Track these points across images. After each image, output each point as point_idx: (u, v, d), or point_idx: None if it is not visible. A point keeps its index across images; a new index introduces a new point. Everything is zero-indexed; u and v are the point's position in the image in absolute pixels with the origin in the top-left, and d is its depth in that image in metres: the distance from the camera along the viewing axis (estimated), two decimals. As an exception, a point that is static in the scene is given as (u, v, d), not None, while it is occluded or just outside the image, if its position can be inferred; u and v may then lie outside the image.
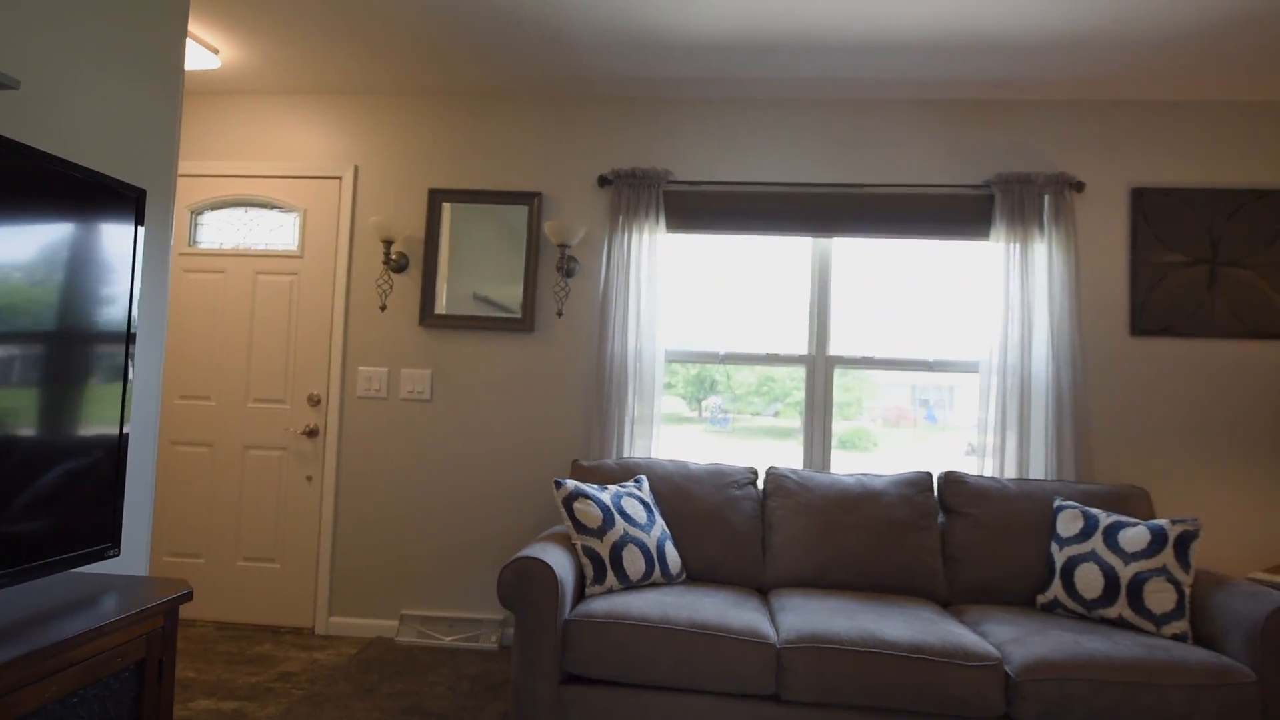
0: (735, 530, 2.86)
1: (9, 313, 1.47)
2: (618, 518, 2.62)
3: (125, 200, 1.75)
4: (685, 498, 2.91)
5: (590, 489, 2.66)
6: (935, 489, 2.96)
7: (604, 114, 3.54)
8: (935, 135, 3.39)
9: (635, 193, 3.38)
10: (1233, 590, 2.32)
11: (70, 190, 1.60)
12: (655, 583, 2.64)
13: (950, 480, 2.93)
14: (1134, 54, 2.89)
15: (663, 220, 3.38)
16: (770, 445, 3.61)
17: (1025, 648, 2.22)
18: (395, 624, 3.53)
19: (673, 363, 3.57)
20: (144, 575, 2.14)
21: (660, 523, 2.77)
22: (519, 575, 2.29)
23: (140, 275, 1.81)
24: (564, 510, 2.60)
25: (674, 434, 3.60)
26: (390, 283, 3.57)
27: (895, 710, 2.20)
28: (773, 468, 3.04)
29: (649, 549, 2.63)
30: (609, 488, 2.76)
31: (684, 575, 2.78)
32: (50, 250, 1.56)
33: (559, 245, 3.40)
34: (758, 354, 3.50)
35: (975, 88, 3.26)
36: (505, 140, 3.58)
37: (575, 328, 3.50)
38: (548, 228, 3.36)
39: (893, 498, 2.85)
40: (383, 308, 3.55)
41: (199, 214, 3.70)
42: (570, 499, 2.61)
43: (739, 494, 2.95)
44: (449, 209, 3.55)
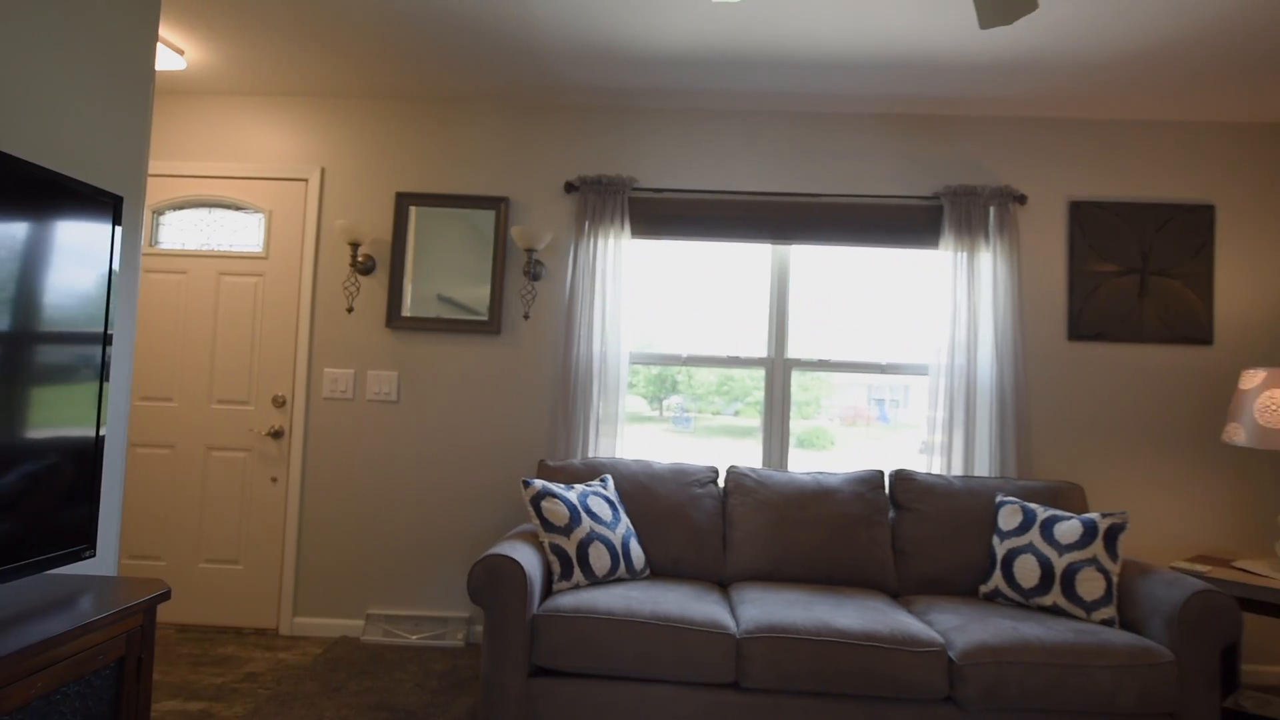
0: (697, 527, 2.96)
1: (-10, 318, 1.49)
2: (584, 516, 2.70)
3: (103, 205, 1.78)
4: (649, 496, 3.01)
5: (557, 488, 2.74)
6: (887, 486, 3.11)
7: (571, 121, 3.62)
8: (888, 148, 3.55)
9: (601, 199, 3.47)
10: (1155, 578, 2.51)
11: (48, 194, 1.63)
12: (620, 578, 2.74)
13: (900, 478, 3.08)
14: (1072, 76, 3.08)
15: (628, 226, 3.48)
16: (730, 444, 3.73)
17: (967, 634, 2.37)
18: (361, 623, 3.56)
19: (636, 365, 3.67)
20: (113, 576, 2.15)
21: (625, 520, 2.86)
22: (489, 572, 2.36)
23: (117, 278, 1.83)
24: (532, 509, 2.68)
25: (635, 433, 3.70)
26: (357, 285, 3.59)
27: (848, 695, 2.33)
28: (733, 466, 3.15)
29: (614, 546, 2.73)
30: (575, 487, 2.84)
31: (648, 571, 2.88)
32: (29, 252, 1.58)
33: (526, 250, 3.47)
34: (719, 356, 3.61)
35: (926, 104, 3.43)
36: (473, 145, 3.63)
37: (541, 330, 3.57)
38: (515, 232, 3.43)
39: (847, 495, 2.99)
40: (350, 310, 3.57)
41: (160, 214, 3.68)
42: (538, 498, 2.68)
43: (701, 492, 3.06)
44: (415, 212, 3.59)
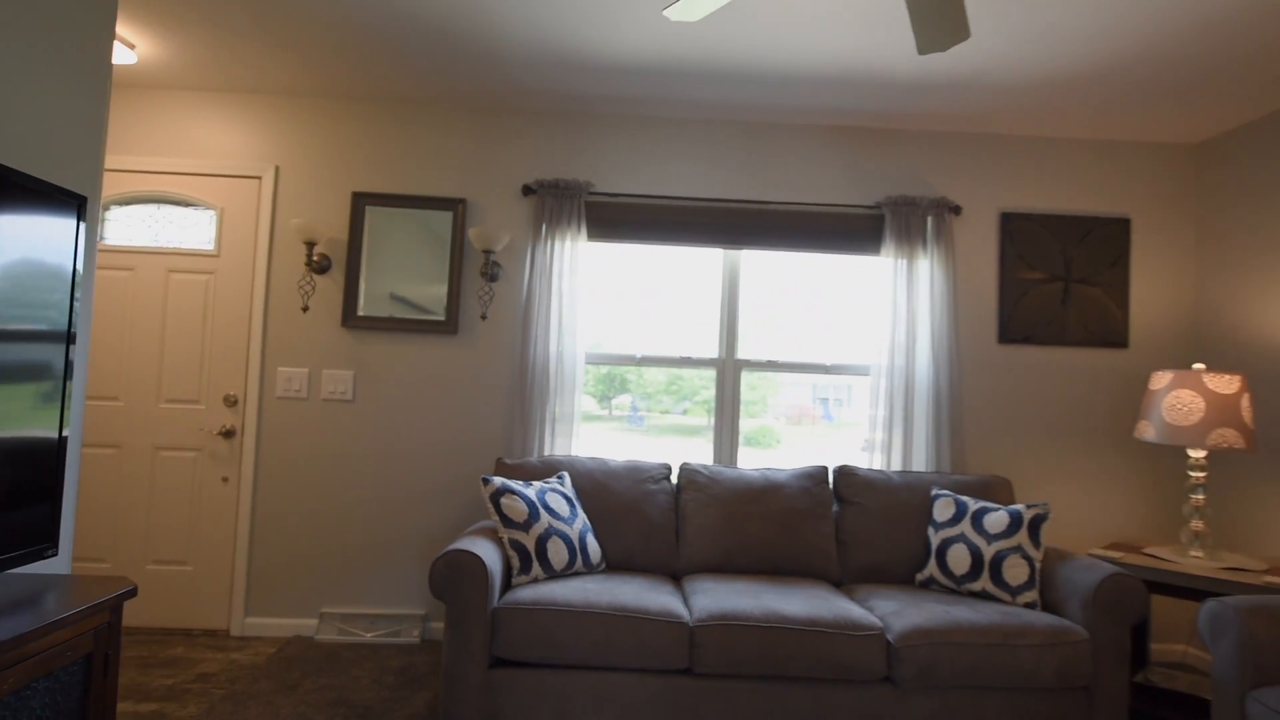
0: (651, 522, 3.07)
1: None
2: (542, 512, 2.78)
3: (67, 205, 1.78)
4: (605, 492, 3.10)
5: (516, 485, 2.82)
6: (831, 481, 3.26)
7: (529, 125, 3.68)
8: (834, 159, 3.72)
9: (558, 202, 3.54)
10: (1074, 564, 2.72)
11: (13, 194, 1.64)
12: (578, 572, 2.82)
13: (843, 473, 3.25)
14: (1003, 96, 3.29)
15: (584, 229, 3.56)
16: (679, 442, 3.85)
17: (903, 619, 2.53)
18: (315, 622, 3.56)
19: (592, 364, 3.75)
20: (71, 575, 2.14)
21: (582, 516, 2.95)
22: (450, 567, 2.42)
23: (81, 274, 1.84)
24: (491, 505, 2.74)
25: (585, 431, 3.78)
26: (313, 284, 3.59)
27: (794, 678, 2.46)
28: (686, 463, 3.27)
29: (572, 540, 2.81)
30: (534, 484, 2.91)
31: (604, 564, 2.98)
32: (-6, 256, 1.59)
33: (484, 251, 3.52)
34: (672, 357, 3.73)
35: (870, 118, 3.60)
36: (431, 146, 3.66)
37: (498, 331, 3.63)
38: (472, 234, 3.47)
39: (793, 490, 3.14)
40: (305, 309, 3.56)
41: (106, 209, 3.60)
42: (497, 494, 2.75)
43: (655, 488, 3.16)
44: (372, 212, 3.60)
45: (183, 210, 3.61)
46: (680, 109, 3.60)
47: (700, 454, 3.73)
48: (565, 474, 3.09)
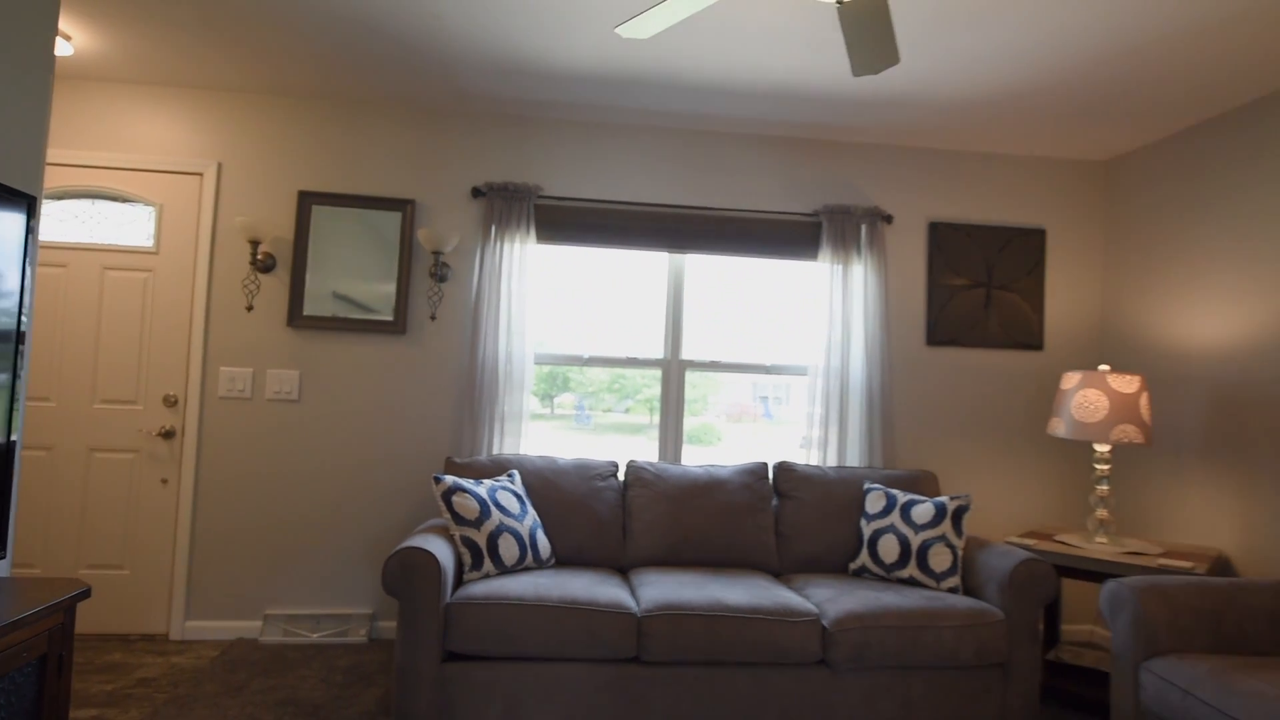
0: (600, 518, 3.17)
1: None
2: (494, 509, 2.85)
3: (17, 205, 1.77)
4: (554, 489, 3.18)
5: (468, 483, 2.87)
6: (770, 477, 3.42)
7: (479, 128, 3.72)
8: (775, 168, 3.88)
9: (507, 205, 3.60)
10: (992, 551, 2.93)
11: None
12: (528, 567, 2.90)
13: (782, 469, 3.41)
14: (930, 113, 3.50)
15: (533, 232, 3.63)
16: (622, 440, 3.95)
17: (837, 605, 2.69)
18: (259, 624, 3.53)
19: (541, 365, 3.82)
20: (12, 577, 2.11)
21: (532, 513, 3.02)
22: (404, 564, 2.47)
23: (30, 274, 1.83)
24: (443, 503, 2.79)
25: (528, 430, 3.82)
26: (257, 283, 3.55)
27: (736, 663, 2.60)
28: (632, 461, 3.38)
29: (523, 537, 2.89)
30: (484, 482, 2.97)
31: (554, 559, 3.06)
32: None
33: (433, 252, 3.55)
34: (619, 357, 3.83)
35: (808, 130, 3.77)
36: (379, 147, 3.67)
37: (448, 331, 3.66)
38: (421, 235, 3.50)
39: (735, 485, 3.28)
40: (249, 308, 3.53)
41: (36, 203, 3.49)
42: (449, 493, 2.80)
43: (602, 485, 3.26)
44: (319, 211, 3.58)
45: (119, 206, 3.53)
46: (628, 116, 3.70)
47: (643, 451, 3.84)
48: (515, 472, 3.15)
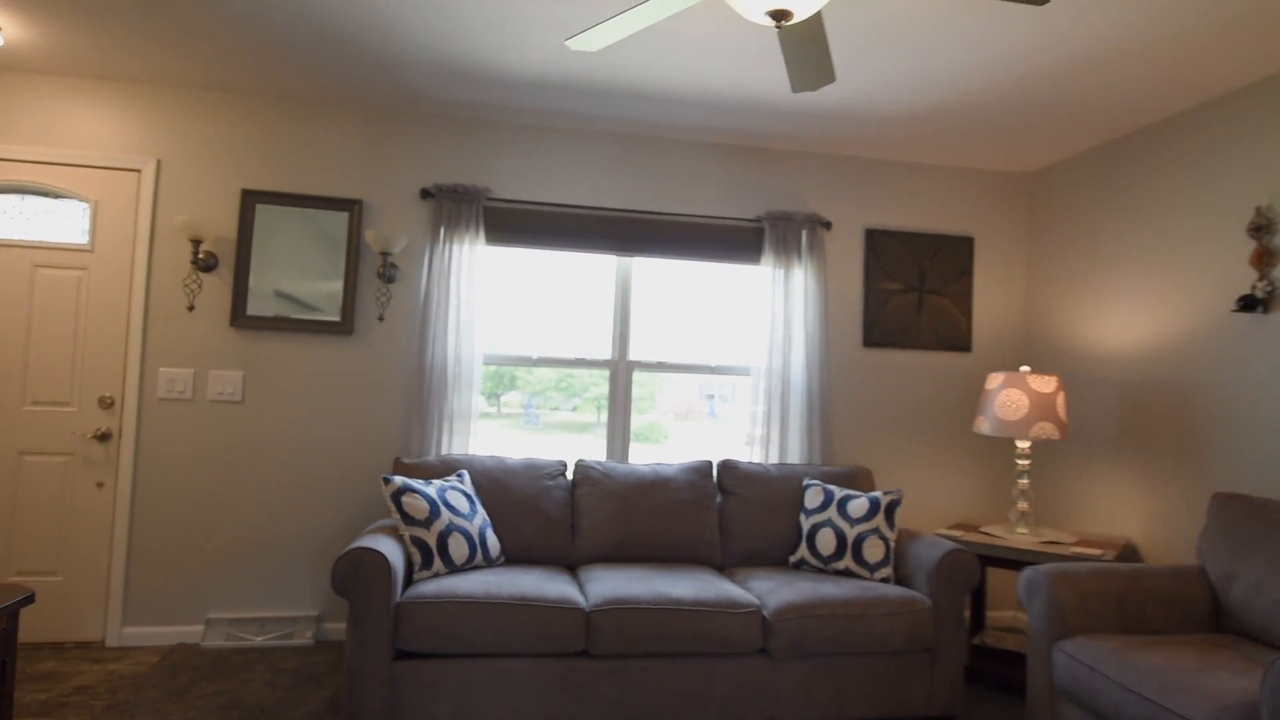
0: (548, 516, 3.23)
1: None
2: (443, 509, 2.88)
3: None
4: (503, 489, 3.23)
5: (417, 484, 2.90)
6: (715, 474, 3.53)
7: (428, 130, 3.73)
8: (719, 175, 3.99)
9: (457, 206, 3.62)
10: (921, 542, 3.10)
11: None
12: (478, 565, 2.94)
13: (725, 466, 3.52)
14: (866, 125, 3.66)
15: (482, 234, 3.66)
16: (569, 438, 4.02)
17: (777, 596, 2.82)
18: (200, 629, 3.48)
19: (490, 365, 3.85)
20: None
21: (481, 512, 3.07)
22: (354, 565, 2.49)
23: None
24: (392, 504, 2.81)
25: (476, 429, 3.84)
26: (199, 282, 3.49)
27: (681, 654, 2.70)
28: (581, 460, 3.45)
29: (472, 536, 2.93)
30: (434, 482, 3.00)
31: (503, 558, 3.11)
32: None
33: (381, 253, 3.55)
34: (567, 358, 3.89)
35: (752, 138, 3.90)
36: (326, 146, 3.64)
37: (396, 332, 3.67)
38: (369, 236, 3.50)
39: (680, 483, 3.38)
40: (190, 308, 3.47)
41: (-40, 198, 3.36)
42: (399, 493, 2.83)
43: (551, 484, 3.32)
44: (263, 210, 3.54)
45: (51, 202, 3.42)
46: (576, 121, 3.76)
47: (591, 449, 3.92)
48: (465, 472, 3.19)
